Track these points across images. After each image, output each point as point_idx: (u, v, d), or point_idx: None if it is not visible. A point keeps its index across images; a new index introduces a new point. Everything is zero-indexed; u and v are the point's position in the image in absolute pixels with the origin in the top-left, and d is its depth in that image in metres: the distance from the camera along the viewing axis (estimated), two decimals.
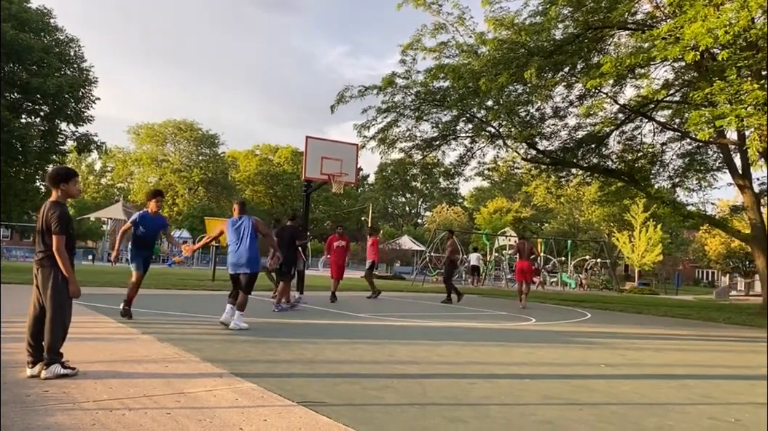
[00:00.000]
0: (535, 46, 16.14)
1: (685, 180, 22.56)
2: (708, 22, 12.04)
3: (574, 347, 8.03)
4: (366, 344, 7.19)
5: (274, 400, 4.17)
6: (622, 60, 14.12)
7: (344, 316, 10.37)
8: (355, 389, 4.68)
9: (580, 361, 6.81)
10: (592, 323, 11.75)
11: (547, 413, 4.29)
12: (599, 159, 21.96)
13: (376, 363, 5.92)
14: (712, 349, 8.93)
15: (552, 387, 5.22)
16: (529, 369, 6.06)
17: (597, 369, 6.31)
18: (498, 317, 11.99)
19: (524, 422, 4.02)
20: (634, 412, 4.47)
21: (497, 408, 4.37)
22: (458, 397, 4.61)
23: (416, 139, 21.48)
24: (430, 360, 6.27)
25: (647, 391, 5.31)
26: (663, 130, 21.25)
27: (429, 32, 18.47)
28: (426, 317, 11.06)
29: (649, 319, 13.42)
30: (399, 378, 5.21)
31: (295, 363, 5.66)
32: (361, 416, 3.88)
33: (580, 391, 5.10)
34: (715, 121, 13.40)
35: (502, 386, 5.18)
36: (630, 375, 6.13)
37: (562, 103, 20.17)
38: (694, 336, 10.47)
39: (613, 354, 7.46)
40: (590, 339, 9.01)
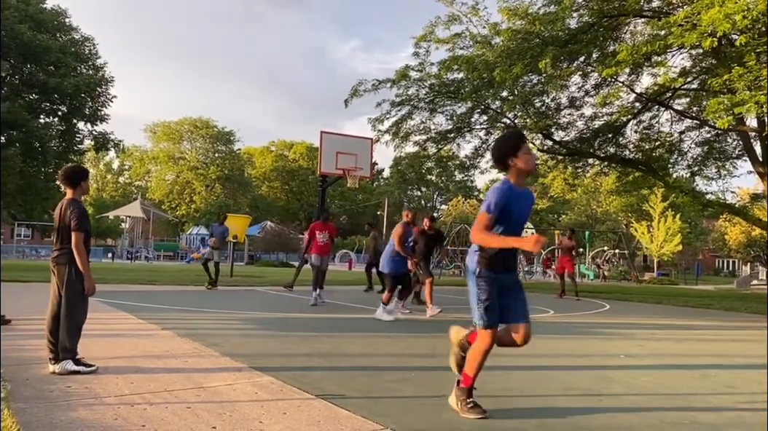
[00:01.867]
0: (549, 36, 15.99)
1: (704, 168, 22.26)
2: (726, 8, 11.84)
3: (593, 338, 7.98)
4: (383, 337, 7.20)
5: (293, 394, 4.19)
6: (639, 48, 13.93)
7: (360, 310, 10.40)
8: (373, 382, 4.70)
9: (600, 352, 6.76)
10: (610, 314, 11.67)
11: (567, 404, 4.27)
12: (616, 149, 21.74)
13: (393, 356, 5.93)
14: (734, 339, 8.83)
15: (572, 378, 5.19)
16: (548, 361, 6.04)
17: (616, 360, 6.26)
18: None
19: (544, 413, 4.01)
20: (654, 402, 4.43)
21: (518, 399, 4.36)
22: (479, 389, 4.59)
23: (430, 132, 21.41)
24: (447, 353, 6.24)
25: (667, 381, 5.26)
26: (681, 119, 20.97)
27: (442, 24, 18.38)
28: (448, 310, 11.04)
29: (669, 310, 13.30)
30: (417, 371, 5.21)
31: (313, 356, 5.69)
32: (379, 409, 3.89)
33: (600, 382, 5.07)
34: (734, 108, 13.19)
35: (521, 377, 5.17)
36: (650, 365, 6.08)
37: (578, 93, 19.96)
38: (715, 326, 10.36)
39: (633, 345, 7.41)
40: (609, 330, 8.95)
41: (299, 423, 3.51)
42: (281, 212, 63.00)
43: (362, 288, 15.30)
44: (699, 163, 22.25)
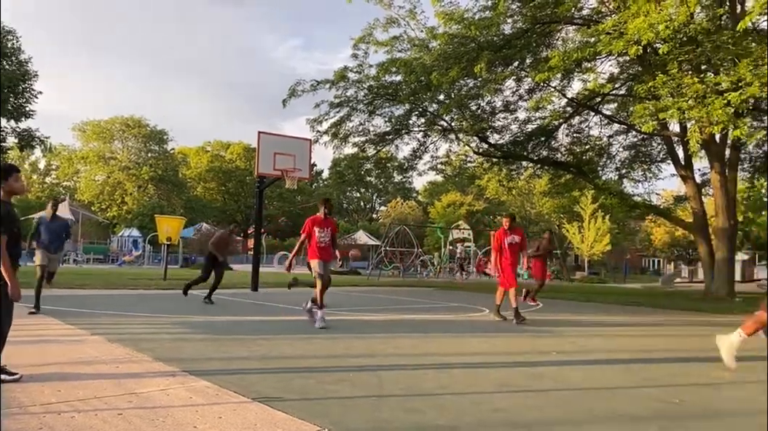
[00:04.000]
0: (484, 41, 16.36)
1: (631, 171, 23.29)
2: (650, 18, 12.43)
3: (526, 336, 8.20)
4: (322, 339, 7.18)
5: (228, 397, 4.14)
6: (569, 54, 14.43)
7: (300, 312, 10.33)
8: (311, 383, 4.68)
9: (532, 349, 6.96)
10: (543, 312, 12.00)
11: (501, 401, 4.37)
12: (549, 152, 22.44)
13: (332, 357, 5.93)
14: (657, 334, 9.25)
15: (505, 375, 5.33)
16: (482, 359, 6.17)
17: (548, 357, 6.46)
18: (452, 309, 12.14)
19: (478, 410, 4.09)
20: (583, 397, 4.60)
21: (452, 397, 4.43)
22: (414, 388, 4.66)
23: (369, 134, 21.53)
24: (386, 353, 6.31)
25: (596, 376, 5.47)
26: (609, 123, 21.86)
27: (381, 26, 18.53)
28: (381, 311, 11.12)
29: (598, 307, 13.79)
30: (355, 372, 5.23)
31: (250, 359, 5.62)
32: (317, 410, 3.89)
33: (532, 378, 5.22)
34: (659, 113, 13.85)
35: (456, 376, 5.26)
36: (580, 361, 6.30)
37: (512, 97, 20.52)
38: (641, 322, 10.81)
39: (564, 342, 7.66)
40: (542, 328, 9.21)
41: (235, 427, 3.47)
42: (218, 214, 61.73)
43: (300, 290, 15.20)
44: (626, 166, 23.25)
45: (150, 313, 9.39)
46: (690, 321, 11.05)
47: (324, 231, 8.38)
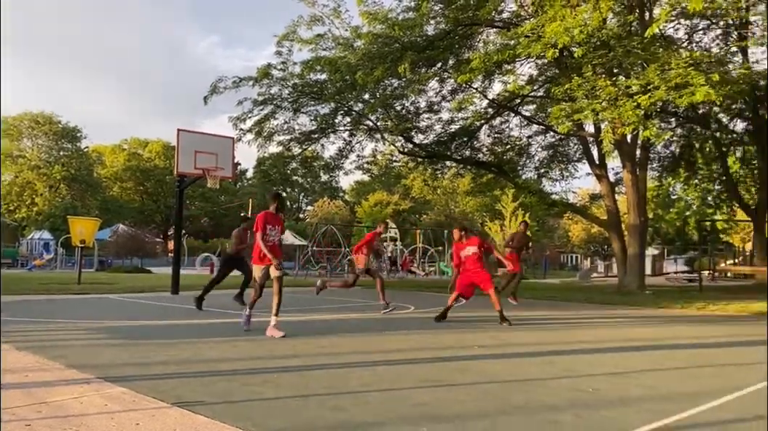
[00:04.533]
0: (408, 41, 16.52)
1: (550, 170, 24.14)
2: (565, 22, 12.90)
3: (449, 331, 8.35)
4: (246, 341, 7.06)
5: (146, 403, 4.00)
6: (490, 56, 14.79)
7: (224, 314, 10.11)
8: (234, 386, 4.60)
9: (455, 344, 7.09)
10: (467, 308, 12.23)
11: (424, 396, 4.43)
12: (471, 151, 22.93)
13: (256, 359, 5.84)
14: (574, 327, 9.62)
15: (428, 371, 5.41)
16: (407, 355, 6.24)
17: (471, 351, 6.60)
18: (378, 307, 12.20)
19: (401, 405, 4.13)
20: (504, 389, 4.73)
21: (376, 394, 4.46)
22: (338, 387, 4.66)
23: (294, 132, 21.32)
24: (311, 353, 6.27)
25: (516, 369, 5.64)
26: (529, 124, 22.56)
27: (305, 24, 18.37)
28: (307, 311, 11.04)
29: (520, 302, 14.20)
30: (280, 373, 5.17)
31: (170, 364, 5.45)
32: (240, 412, 3.82)
33: (455, 373, 5.32)
34: (574, 114, 14.40)
35: (380, 373, 5.29)
36: (501, 354, 6.48)
37: (436, 98, 20.83)
38: (559, 316, 11.22)
39: (486, 336, 7.85)
40: (465, 323, 9.41)
41: None
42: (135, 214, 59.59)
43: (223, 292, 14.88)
44: (545, 165, 24.07)
45: (63, 319, 8.95)
46: (604, 314, 11.55)
47: (274, 230, 7.74)
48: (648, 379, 5.22)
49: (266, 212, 7.78)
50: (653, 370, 5.65)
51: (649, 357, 6.44)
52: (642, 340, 7.87)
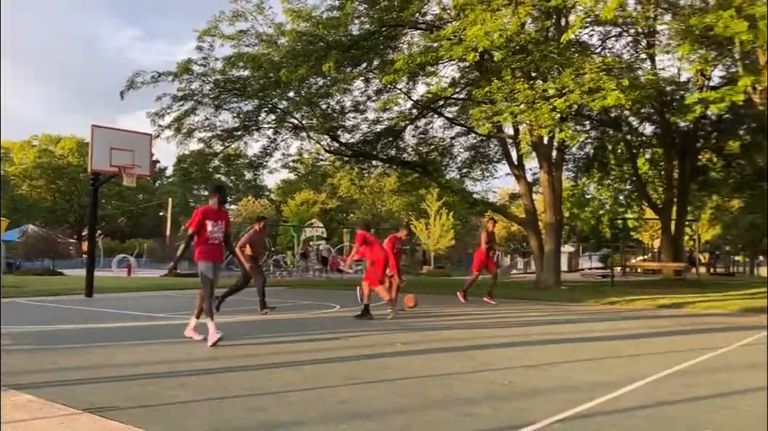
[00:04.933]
0: (333, 40, 16.51)
1: (471, 170, 24.73)
2: (486, 26, 13.25)
3: (374, 329, 8.42)
4: (163, 344, 6.88)
5: (56, 410, 3.83)
6: (414, 58, 15.00)
7: (140, 317, 9.80)
8: (150, 390, 4.48)
9: (379, 342, 7.16)
10: None
11: (345, 393, 4.47)
12: (397, 151, 23.18)
13: (173, 363, 5.70)
14: (494, 322, 9.90)
15: (351, 369, 5.45)
16: (330, 354, 6.25)
17: (393, 348, 6.69)
18: (303, 307, 12.15)
19: (323, 404, 4.15)
20: (423, 384, 4.83)
21: (298, 393, 4.45)
22: (259, 388, 4.62)
23: (216, 129, 20.88)
24: (232, 355, 6.18)
25: (437, 364, 5.76)
26: (451, 125, 23.02)
27: (227, 19, 18.02)
28: (229, 313, 10.84)
29: (443, 299, 14.47)
30: (198, 376, 5.07)
31: (82, 369, 5.24)
32: (155, 416, 3.73)
33: (377, 370, 5.38)
34: (494, 117, 14.82)
35: (303, 372, 5.28)
36: (423, 350, 6.60)
37: (361, 97, 20.92)
38: (479, 311, 11.51)
39: (410, 333, 7.97)
40: (390, 321, 9.51)
41: None
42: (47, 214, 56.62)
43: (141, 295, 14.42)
44: (467, 165, 24.63)
45: None
46: (522, 309, 11.95)
47: (217, 225, 6.94)
48: (559, 371, 5.46)
49: (206, 207, 7.07)
50: (564, 362, 5.90)
51: (561, 350, 6.73)
52: (556, 334, 8.20)
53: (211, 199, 7.19)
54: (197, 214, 6.95)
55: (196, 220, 6.86)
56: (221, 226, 6.99)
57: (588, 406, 4.12)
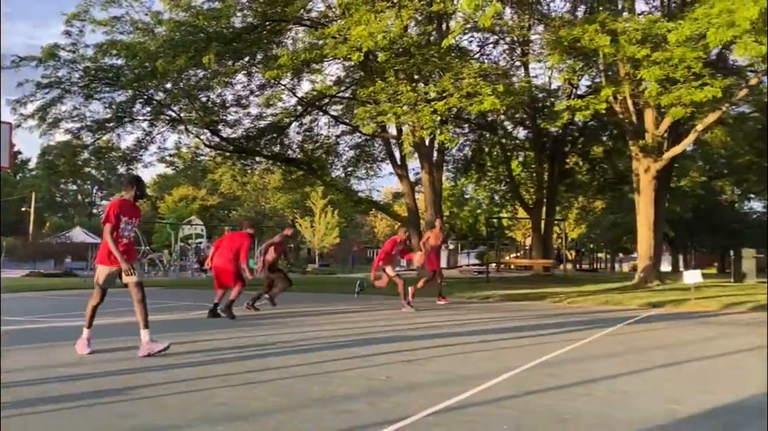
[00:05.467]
0: (214, 32, 16.05)
1: (356, 169, 24.99)
2: (370, 27, 13.43)
3: (253, 329, 8.28)
4: (25, 350, 6.38)
5: None
6: (298, 54, 14.92)
7: None
8: (5, 400, 4.13)
9: (258, 342, 7.06)
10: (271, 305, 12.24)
11: (223, 395, 4.37)
12: (281, 148, 22.94)
13: (35, 370, 5.30)
14: (375, 318, 10.07)
15: (229, 369, 5.33)
16: (208, 355, 6.08)
17: (273, 348, 6.62)
18: (178, 308, 11.72)
19: (199, 406, 4.03)
20: (303, 383, 4.82)
21: (173, 396, 4.30)
22: (132, 392, 4.41)
23: (86, 120, 19.63)
24: (101, 360, 5.85)
25: (316, 362, 5.76)
26: (337, 124, 23.13)
27: (99, 4, 16.99)
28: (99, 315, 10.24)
29: (326, 297, 14.52)
30: (63, 382, 4.75)
31: None
32: (16, 428, 3.45)
33: (257, 370, 5.30)
34: (378, 117, 15.07)
35: (179, 374, 5.10)
36: (303, 349, 6.58)
37: (244, 92, 20.50)
38: (361, 308, 11.65)
39: (291, 332, 7.91)
40: (269, 320, 9.39)
41: None
42: None
43: None
44: (352, 164, 24.85)
45: None
46: (402, 304, 12.20)
47: (131, 223, 6.15)
48: (435, 365, 5.65)
49: (122, 200, 6.16)
50: (440, 356, 6.12)
51: (438, 344, 6.96)
52: (433, 328, 8.48)
53: (126, 191, 6.25)
54: (113, 207, 6.09)
55: (113, 214, 5.97)
56: (134, 224, 6.23)
57: (460, 398, 4.29)
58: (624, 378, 5.13)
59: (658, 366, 5.66)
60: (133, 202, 6.20)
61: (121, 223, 6.00)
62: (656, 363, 5.80)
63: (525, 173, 29.07)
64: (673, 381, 5.10)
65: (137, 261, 6.53)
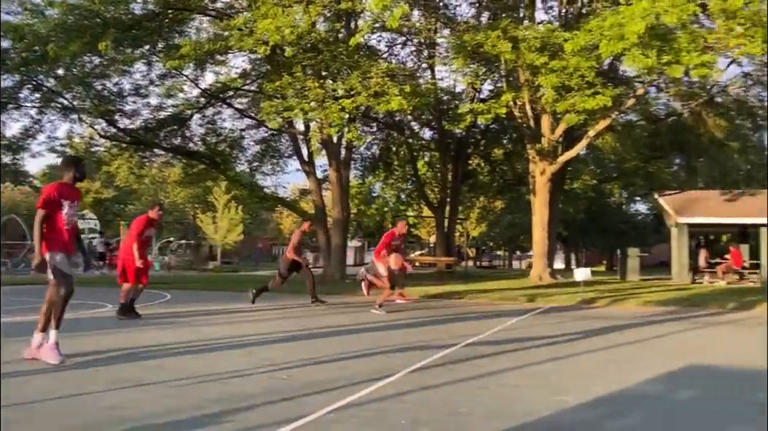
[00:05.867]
0: (111, 17, 15.27)
1: (262, 165, 24.55)
2: (277, 20, 13.24)
3: (149, 329, 7.97)
4: None
5: None
6: (202, 45, 14.47)
7: None
8: None
9: (155, 342, 6.80)
10: (171, 304, 11.83)
11: (113, 398, 4.18)
12: (182, 140, 22.15)
13: None
14: (277, 317, 9.96)
15: (121, 371, 5.11)
16: (96, 357, 5.79)
17: (170, 348, 6.40)
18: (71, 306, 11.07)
19: (86, 411, 3.84)
20: (200, 384, 4.69)
21: (55, 402, 4.06)
22: (12, 398, 4.12)
23: None
24: None
25: (215, 363, 5.63)
26: (242, 117, 22.61)
27: None
28: None
29: (228, 296, 14.17)
30: None
31: None
32: None
33: (151, 371, 5.11)
34: (285, 112, 14.89)
35: (64, 378, 4.83)
36: (203, 349, 6.40)
37: (143, 81, 19.64)
38: (264, 307, 11.46)
39: (188, 332, 7.68)
40: (167, 320, 9.07)
41: None
42: None
43: None
44: (257, 159, 24.40)
45: None
46: (307, 303, 12.14)
47: (74, 207, 5.62)
48: (337, 363, 5.67)
49: (60, 183, 5.58)
50: (342, 353, 6.14)
51: (340, 342, 6.98)
52: (337, 326, 8.49)
53: (65, 173, 5.67)
54: (50, 190, 5.49)
55: (50, 198, 5.41)
56: (76, 208, 5.68)
57: (360, 395, 4.33)
58: (515, 372, 5.36)
59: (548, 359, 5.95)
60: (72, 185, 5.68)
61: (64, 208, 5.47)
62: (546, 356, 6.09)
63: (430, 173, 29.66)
64: (561, 373, 5.38)
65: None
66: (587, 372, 5.52)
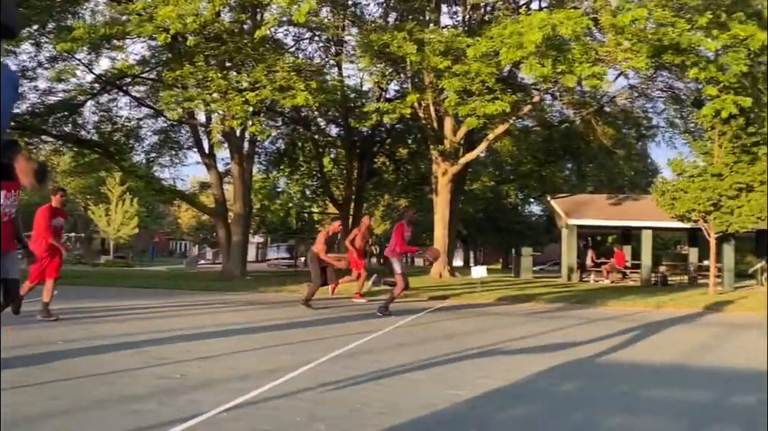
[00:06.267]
0: None
1: (160, 156, 23.64)
2: (179, 8, 12.80)
3: (31, 328, 7.51)
4: None
5: None
6: (97, 29, 13.75)
7: None
8: None
9: (37, 341, 6.42)
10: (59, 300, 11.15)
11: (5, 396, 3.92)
12: (73, 128, 20.92)
13: None
14: (172, 314, 9.66)
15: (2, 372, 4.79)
16: None
17: (54, 346, 6.07)
18: None
19: None
20: (86, 384, 4.50)
21: None
22: None
23: None
24: None
25: (104, 361, 5.40)
26: (139, 106, 21.65)
27: None
28: None
29: (120, 292, 13.60)
30: None
31: None
32: None
33: (32, 372, 4.83)
34: (185, 102, 14.44)
35: None
36: (89, 348, 6.11)
37: (31, 63, 18.38)
38: (159, 304, 11.09)
39: (75, 329, 7.30)
40: (50, 318, 8.56)
41: None
42: None
43: None
44: (155, 150, 23.46)
45: None
46: (203, 300, 11.86)
47: (10, 197, 5.06)
48: (233, 361, 5.59)
49: None
50: (239, 352, 6.06)
51: (236, 340, 6.88)
52: (233, 324, 8.36)
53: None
54: None
55: None
56: (15, 199, 5.13)
57: (256, 393, 4.30)
58: (412, 367, 5.50)
59: (443, 354, 6.14)
60: None
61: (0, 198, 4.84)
62: (442, 352, 6.29)
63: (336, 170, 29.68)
64: (456, 368, 5.57)
65: None
66: (479, 366, 5.75)
